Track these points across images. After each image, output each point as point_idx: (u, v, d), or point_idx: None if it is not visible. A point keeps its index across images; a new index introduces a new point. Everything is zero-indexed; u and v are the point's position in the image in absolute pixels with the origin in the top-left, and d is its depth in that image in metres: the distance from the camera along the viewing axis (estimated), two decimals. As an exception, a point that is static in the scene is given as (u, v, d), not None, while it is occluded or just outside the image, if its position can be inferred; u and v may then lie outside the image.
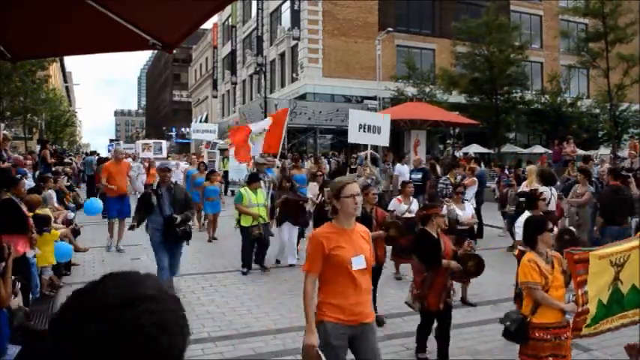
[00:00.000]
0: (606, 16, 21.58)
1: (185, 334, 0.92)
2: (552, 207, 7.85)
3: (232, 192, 17.12)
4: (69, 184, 17.99)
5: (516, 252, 5.61)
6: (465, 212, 7.47)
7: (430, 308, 4.81)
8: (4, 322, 4.05)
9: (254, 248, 8.50)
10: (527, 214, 5.82)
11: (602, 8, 21.52)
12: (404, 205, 8.06)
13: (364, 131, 10.55)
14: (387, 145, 11.91)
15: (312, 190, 10.05)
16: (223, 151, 21.90)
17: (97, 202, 10.19)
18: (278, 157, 11.81)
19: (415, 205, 8.07)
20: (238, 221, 8.44)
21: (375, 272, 5.89)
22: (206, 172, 12.53)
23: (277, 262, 8.89)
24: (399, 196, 8.40)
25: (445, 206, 7.12)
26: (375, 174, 10.99)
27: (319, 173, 10.93)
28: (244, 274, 8.13)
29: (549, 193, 8.03)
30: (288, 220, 8.75)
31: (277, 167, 11.47)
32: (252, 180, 8.76)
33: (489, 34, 24.85)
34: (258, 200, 8.50)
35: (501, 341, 5.37)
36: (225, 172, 19.22)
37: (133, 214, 7.63)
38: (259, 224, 8.33)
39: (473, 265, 5.00)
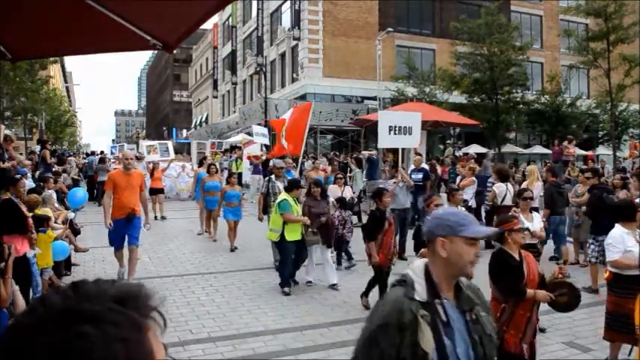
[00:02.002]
0: (609, 15, 21.56)
1: None
2: (508, 202, 8.64)
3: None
4: (78, 177, 17.99)
5: (607, 274, 4.92)
6: (534, 224, 6.26)
7: (509, 350, 3.76)
8: (5, 322, 4.06)
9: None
10: (620, 228, 4.96)
11: (605, 8, 21.50)
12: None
13: (395, 133, 9.61)
14: (418, 146, 11.17)
15: (333, 194, 9.31)
16: (233, 151, 21.22)
17: (80, 193, 9.52)
18: (301, 158, 10.86)
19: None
20: (282, 235, 7.21)
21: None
22: (217, 174, 11.77)
23: (309, 283, 7.60)
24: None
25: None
26: (407, 179, 10.12)
27: (339, 176, 10.20)
28: (287, 294, 7.04)
29: (505, 189, 8.99)
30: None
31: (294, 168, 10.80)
32: (293, 186, 7.60)
33: (490, 34, 24.84)
34: (298, 210, 7.45)
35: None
36: (239, 175, 17.95)
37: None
38: (310, 230, 7.36)
39: (565, 296, 3.98)
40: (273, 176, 9.14)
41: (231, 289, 7.41)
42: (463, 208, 7.12)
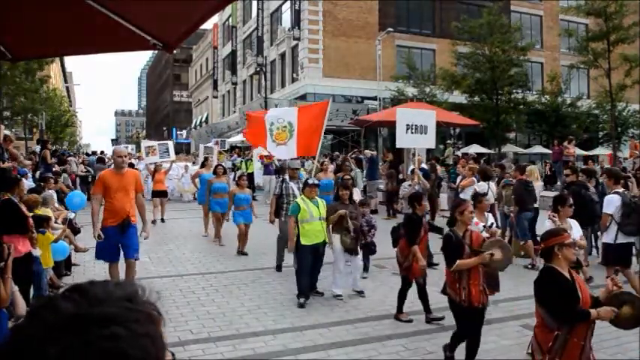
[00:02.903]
0: (609, 16, 21.56)
1: (159, 357, 0.75)
2: (490, 200, 8.93)
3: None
4: (86, 173, 17.93)
5: None
6: (574, 231, 5.80)
7: None
8: (4, 322, 4.06)
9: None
10: None
11: (606, 8, 21.50)
12: (481, 225, 6.46)
13: (412, 132, 9.16)
14: (433, 147, 10.81)
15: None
16: (233, 150, 20.63)
17: (77, 198, 9.10)
18: (317, 158, 10.20)
19: (493, 223, 6.74)
20: (297, 239, 6.80)
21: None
22: (224, 175, 11.12)
23: (338, 297, 6.90)
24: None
25: (549, 222, 5.71)
26: (424, 181, 9.77)
27: (347, 177, 9.62)
28: (302, 306, 6.53)
29: (486, 187, 9.35)
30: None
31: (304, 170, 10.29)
32: (304, 186, 7.14)
33: (491, 34, 24.85)
34: (320, 213, 6.77)
35: (501, 341, 5.39)
36: (250, 175, 17.49)
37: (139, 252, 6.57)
38: (349, 232, 6.82)
39: (629, 312, 3.46)
40: (287, 177, 8.59)
41: (231, 289, 7.41)
42: (490, 215, 6.83)
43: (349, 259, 7.02)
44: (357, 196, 9.36)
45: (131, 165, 20.76)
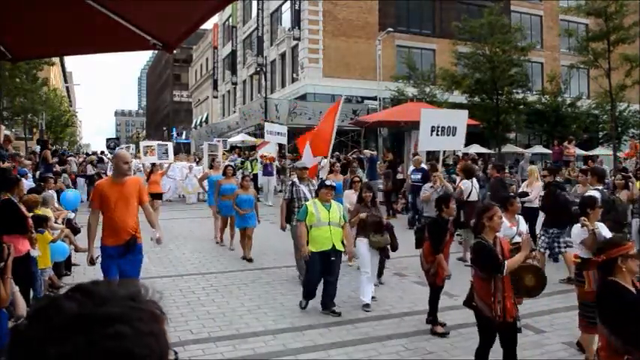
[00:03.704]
0: (610, 16, 21.56)
1: (163, 355, 0.75)
2: (474, 198, 9.34)
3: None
4: (95, 173, 17.84)
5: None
6: (521, 225, 6.08)
7: None
8: (4, 322, 4.06)
9: (319, 280, 6.41)
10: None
11: (606, 8, 21.50)
12: (513, 228, 6.33)
13: (437, 134, 8.82)
14: (462, 148, 10.45)
15: (349, 199, 8.45)
16: (234, 151, 20.26)
17: (70, 195, 9.22)
18: (328, 159, 9.81)
19: (524, 226, 6.58)
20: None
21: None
22: (234, 176, 10.80)
23: (366, 307, 6.51)
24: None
25: (581, 229, 5.10)
26: (446, 184, 9.29)
27: (356, 179, 9.21)
28: (302, 307, 6.40)
29: (470, 185, 9.50)
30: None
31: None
32: (318, 189, 6.68)
33: (491, 34, 24.84)
34: (331, 217, 6.29)
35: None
36: (255, 176, 17.26)
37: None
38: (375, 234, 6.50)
39: None
40: (296, 179, 8.06)
41: (231, 289, 7.41)
42: (521, 218, 6.66)
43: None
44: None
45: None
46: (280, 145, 18.31)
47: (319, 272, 6.27)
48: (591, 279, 4.36)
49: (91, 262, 5.26)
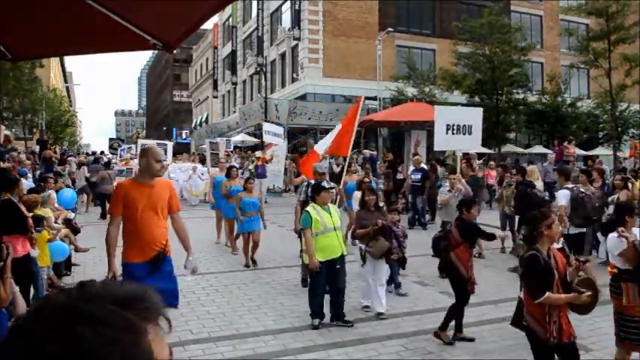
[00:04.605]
0: (611, 15, 21.56)
1: None
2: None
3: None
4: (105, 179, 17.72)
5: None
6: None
7: None
8: (4, 322, 4.06)
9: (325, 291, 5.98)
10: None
11: (607, 8, 21.50)
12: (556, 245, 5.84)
13: (453, 133, 8.40)
14: (479, 149, 10.31)
15: (358, 200, 7.97)
16: (245, 151, 19.70)
17: (66, 194, 9.14)
18: (348, 159, 9.33)
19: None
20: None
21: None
22: (238, 178, 10.38)
23: (366, 307, 6.49)
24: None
25: (619, 239, 4.38)
26: (465, 187, 8.58)
27: (366, 180, 8.81)
28: (316, 327, 5.78)
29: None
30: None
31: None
32: (317, 190, 6.07)
33: (491, 34, 24.85)
34: (334, 222, 5.92)
35: (501, 341, 5.39)
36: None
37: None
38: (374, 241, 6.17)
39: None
40: (312, 181, 7.63)
41: (231, 289, 7.41)
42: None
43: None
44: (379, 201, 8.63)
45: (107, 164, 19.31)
46: (255, 148, 17.79)
47: (325, 284, 5.88)
48: (630, 292, 4.15)
49: (112, 278, 4.29)
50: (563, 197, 7.80)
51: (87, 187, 15.88)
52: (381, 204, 7.65)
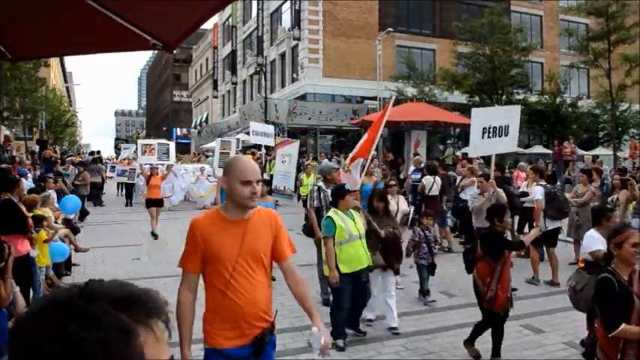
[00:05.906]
0: (611, 15, 21.56)
1: None
2: (435, 192, 10.26)
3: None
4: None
5: None
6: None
7: None
8: (4, 322, 4.06)
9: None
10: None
11: (607, 8, 21.51)
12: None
13: (489, 136, 7.76)
14: (515, 150, 9.86)
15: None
16: (269, 150, 19.20)
17: (69, 203, 9.02)
18: (369, 162, 8.57)
19: None
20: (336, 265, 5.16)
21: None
22: None
23: (370, 321, 5.97)
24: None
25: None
26: (499, 192, 7.82)
27: (392, 182, 8.11)
28: (340, 349, 5.16)
29: (432, 181, 10.31)
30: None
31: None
32: (341, 193, 5.36)
33: (492, 34, 24.85)
34: (358, 229, 5.32)
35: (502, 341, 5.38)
36: (271, 177, 15.65)
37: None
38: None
39: None
40: (321, 183, 7.03)
41: (231, 289, 7.39)
42: None
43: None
44: (405, 205, 8.04)
45: (99, 160, 18.38)
46: (267, 147, 16.43)
47: (350, 298, 5.20)
48: None
49: None
50: (539, 192, 8.09)
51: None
52: (406, 209, 7.87)
